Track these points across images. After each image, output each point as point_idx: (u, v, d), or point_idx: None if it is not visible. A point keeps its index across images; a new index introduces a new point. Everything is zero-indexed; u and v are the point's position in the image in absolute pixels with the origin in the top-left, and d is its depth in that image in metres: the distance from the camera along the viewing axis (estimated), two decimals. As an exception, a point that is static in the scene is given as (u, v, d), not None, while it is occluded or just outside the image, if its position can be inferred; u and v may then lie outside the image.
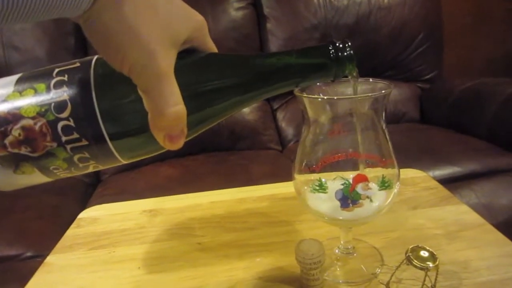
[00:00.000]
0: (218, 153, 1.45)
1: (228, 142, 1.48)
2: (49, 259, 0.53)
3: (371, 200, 0.39)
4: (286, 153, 1.48)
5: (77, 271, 0.51)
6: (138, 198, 0.69)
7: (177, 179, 1.25)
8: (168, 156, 1.41)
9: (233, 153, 1.45)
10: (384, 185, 0.40)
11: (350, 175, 0.39)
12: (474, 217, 0.55)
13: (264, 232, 0.55)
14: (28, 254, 0.97)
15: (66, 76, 0.32)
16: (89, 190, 1.33)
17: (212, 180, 1.21)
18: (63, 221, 0.81)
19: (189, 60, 0.34)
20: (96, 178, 1.43)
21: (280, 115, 1.59)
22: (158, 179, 1.28)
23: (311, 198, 0.41)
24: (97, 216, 0.64)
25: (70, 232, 0.60)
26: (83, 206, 1.14)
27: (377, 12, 1.57)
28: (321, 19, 1.56)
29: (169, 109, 0.29)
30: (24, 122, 0.32)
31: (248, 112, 1.52)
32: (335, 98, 0.39)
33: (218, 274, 0.48)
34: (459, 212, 0.56)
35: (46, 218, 1.09)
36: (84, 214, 0.66)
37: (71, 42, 1.43)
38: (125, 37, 0.27)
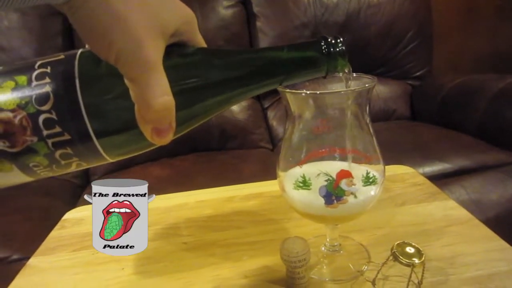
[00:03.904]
0: (209, 153, 1.44)
1: (219, 142, 1.48)
2: (31, 261, 0.52)
3: (355, 196, 0.38)
4: (277, 151, 1.47)
5: (59, 274, 0.50)
6: (126, 198, 0.68)
7: (167, 179, 1.24)
8: (158, 157, 1.40)
9: (223, 153, 1.44)
10: (369, 180, 0.39)
11: (334, 171, 0.38)
12: (461, 212, 0.55)
13: (251, 231, 0.55)
14: (15, 256, 0.95)
15: (49, 68, 0.31)
16: (78, 192, 1.31)
17: (202, 180, 1.20)
18: (51, 223, 0.80)
19: (178, 54, 0.33)
20: (85, 179, 1.41)
21: (271, 114, 1.59)
22: (148, 180, 1.25)
23: (295, 195, 0.40)
24: (82, 217, 0.63)
25: (54, 233, 0.59)
26: (72, 207, 1.11)
27: (367, 9, 1.57)
28: (311, 17, 1.55)
29: (157, 100, 0.28)
30: (2, 115, 0.30)
31: (238, 111, 1.51)
32: (318, 93, 0.39)
33: (203, 274, 0.47)
34: (447, 207, 0.56)
35: (34, 220, 1.08)
36: (68, 215, 0.65)
37: (59, 42, 1.41)
38: (111, 24, 0.27)
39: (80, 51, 0.32)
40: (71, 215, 0.65)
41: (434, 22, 1.70)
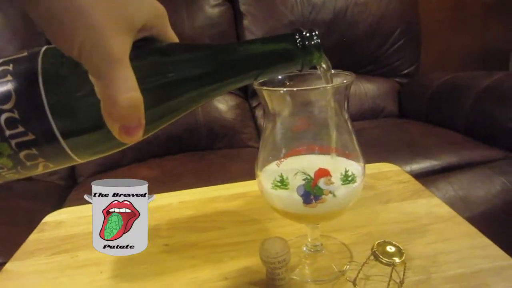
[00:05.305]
0: (197, 153, 1.43)
1: (207, 141, 1.46)
2: (8, 266, 0.51)
3: (334, 195, 0.38)
4: (265, 151, 1.46)
5: (37, 278, 0.49)
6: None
7: (155, 180, 1.23)
8: (146, 157, 1.39)
9: (212, 152, 1.43)
10: (348, 179, 0.38)
11: (312, 169, 0.37)
12: (445, 210, 0.54)
13: (233, 231, 0.54)
14: (-2, 261, 0.93)
15: (11, 65, 0.30)
16: (65, 194, 1.29)
17: (190, 180, 1.19)
18: (36, 226, 0.79)
19: (147, 49, 0.32)
20: (72, 181, 1.39)
21: (259, 113, 1.58)
22: (135, 181, 1.25)
23: (273, 195, 0.40)
24: (62, 220, 0.62)
25: (33, 237, 0.58)
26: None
27: (354, 7, 1.57)
28: (298, 16, 1.54)
29: (123, 96, 0.27)
30: None
31: (226, 110, 1.50)
32: (295, 89, 0.38)
33: (183, 276, 0.46)
34: (431, 205, 0.56)
35: (18, 224, 1.05)
36: (48, 218, 0.63)
37: (43, 41, 1.39)
38: (73, 17, 0.26)
39: (44, 48, 0.31)
40: (51, 218, 0.63)
41: (422, 20, 1.71)
